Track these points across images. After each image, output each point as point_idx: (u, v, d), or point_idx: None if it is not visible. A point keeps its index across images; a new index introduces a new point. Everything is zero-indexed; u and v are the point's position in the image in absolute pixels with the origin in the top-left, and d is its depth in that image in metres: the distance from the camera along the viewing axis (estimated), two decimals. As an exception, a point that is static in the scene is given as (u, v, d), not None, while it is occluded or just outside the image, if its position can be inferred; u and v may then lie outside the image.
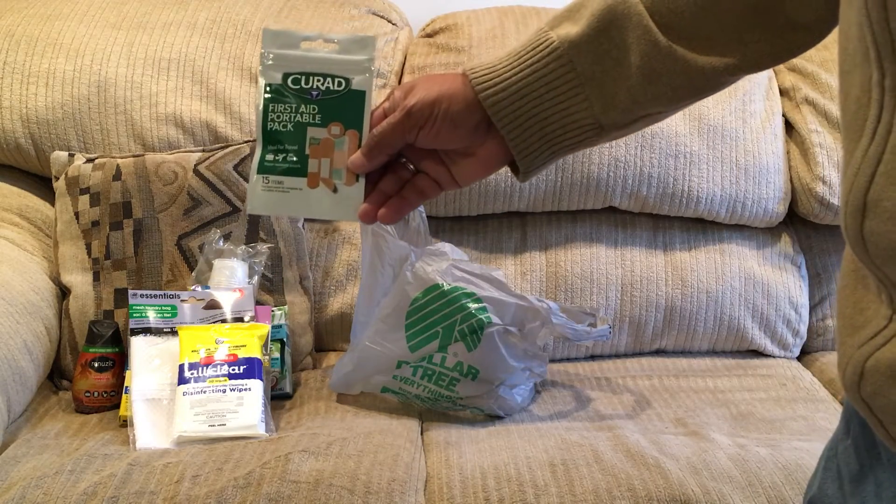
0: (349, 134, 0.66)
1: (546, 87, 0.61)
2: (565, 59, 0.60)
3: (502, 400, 1.18)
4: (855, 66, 0.43)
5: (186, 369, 1.12)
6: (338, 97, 0.66)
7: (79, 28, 1.48)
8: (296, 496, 0.91)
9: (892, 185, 0.39)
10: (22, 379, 1.13)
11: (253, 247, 1.32)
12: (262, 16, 1.51)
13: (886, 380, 0.42)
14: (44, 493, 0.92)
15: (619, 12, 0.59)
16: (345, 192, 0.66)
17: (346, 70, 0.67)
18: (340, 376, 1.20)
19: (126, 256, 1.32)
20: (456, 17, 1.56)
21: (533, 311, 1.18)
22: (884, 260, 0.40)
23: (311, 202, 0.67)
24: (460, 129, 0.63)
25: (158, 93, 1.44)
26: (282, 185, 0.67)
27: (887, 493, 0.49)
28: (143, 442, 1.05)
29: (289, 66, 0.67)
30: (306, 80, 0.67)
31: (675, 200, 1.46)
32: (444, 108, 0.62)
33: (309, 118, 0.67)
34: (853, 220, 0.41)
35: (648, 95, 0.61)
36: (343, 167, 0.66)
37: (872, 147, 0.40)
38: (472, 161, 0.65)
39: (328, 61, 0.67)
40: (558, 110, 0.62)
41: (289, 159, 0.67)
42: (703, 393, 1.31)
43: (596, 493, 0.95)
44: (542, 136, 0.63)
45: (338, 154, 0.66)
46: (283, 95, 0.67)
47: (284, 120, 0.67)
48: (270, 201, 0.67)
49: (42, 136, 1.44)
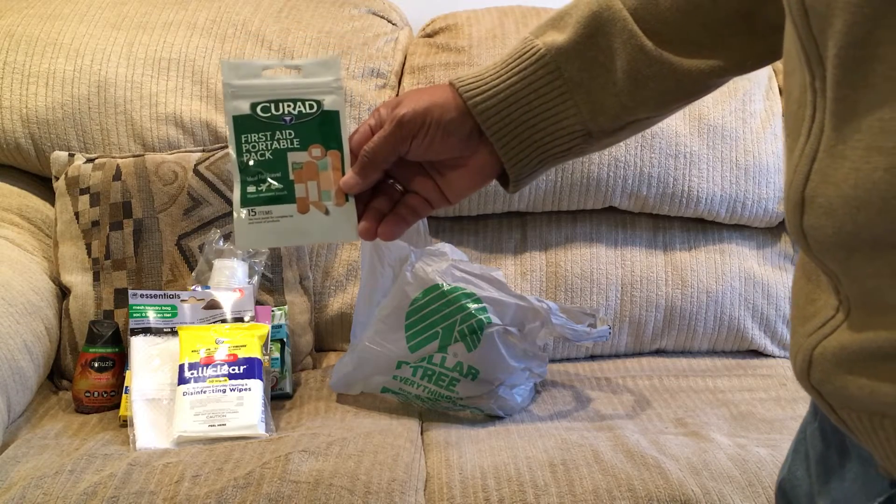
0: (331, 155, 0.64)
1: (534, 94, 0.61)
2: (552, 65, 0.61)
3: (502, 400, 1.18)
4: (794, 69, 0.44)
5: (186, 369, 1.12)
6: (312, 120, 0.65)
7: (79, 28, 1.48)
8: (296, 496, 0.91)
9: (825, 183, 0.40)
10: (22, 379, 1.13)
11: (253, 247, 1.32)
12: (262, 16, 1.51)
13: (832, 367, 0.43)
14: (44, 493, 0.92)
15: (605, 19, 0.60)
16: (337, 214, 0.64)
17: (316, 92, 0.65)
18: (340, 376, 1.20)
19: (126, 256, 1.32)
20: (456, 17, 1.56)
21: (533, 311, 1.18)
22: (822, 252, 0.42)
23: (305, 228, 0.65)
24: (453, 136, 0.62)
25: (158, 93, 1.44)
26: (270, 214, 0.64)
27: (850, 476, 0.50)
28: (143, 442, 1.05)
29: (255, 95, 0.65)
30: (276, 106, 0.65)
31: (675, 200, 1.46)
32: (436, 117, 0.62)
33: (287, 143, 0.64)
34: (793, 215, 0.43)
35: (636, 100, 0.61)
36: (331, 188, 0.64)
37: (808, 146, 0.42)
38: (462, 173, 0.65)
39: (295, 86, 0.65)
40: (547, 117, 0.62)
41: (273, 187, 0.64)
42: (703, 393, 1.31)
43: (596, 494, 0.95)
44: (532, 143, 0.62)
45: (323, 176, 0.64)
46: (255, 125, 0.64)
47: (261, 149, 0.64)
48: (261, 233, 0.64)
49: (42, 136, 1.44)
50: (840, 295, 0.43)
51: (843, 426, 0.46)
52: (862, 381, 0.42)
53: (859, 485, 0.50)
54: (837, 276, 0.42)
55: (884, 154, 0.37)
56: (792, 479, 0.58)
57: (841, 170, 0.40)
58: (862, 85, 0.38)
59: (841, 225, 0.40)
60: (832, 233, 0.40)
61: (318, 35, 1.50)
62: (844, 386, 0.43)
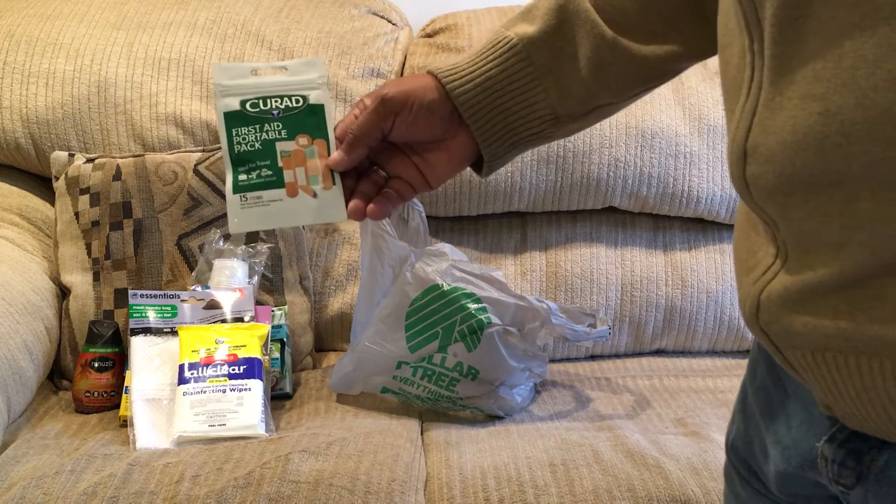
0: (317, 143, 0.68)
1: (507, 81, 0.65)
2: (524, 54, 0.65)
3: (502, 400, 1.18)
4: (733, 38, 0.48)
5: (186, 369, 1.12)
6: (299, 112, 0.68)
7: (79, 28, 1.48)
8: (296, 496, 0.91)
9: (764, 133, 0.44)
10: (22, 379, 1.13)
11: (253, 247, 1.32)
12: (262, 16, 1.51)
13: (778, 308, 0.47)
14: (44, 493, 0.92)
15: (570, 11, 0.64)
16: (325, 196, 0.68)
17: (301, 89, 0.69)
18: (340, 376, 1.20)
19: (126, 256, 1.32)
20: (456, 17, 1.56)
21: (533, 311, 1.18)
22: (763, 200, 0.46)
23: (294, 210, 0.68)
24: (435, 116, 0.66)
25: (158, 93, 1.44)
26: (261, 199, 0.67)
27: (796, 422, 0.54)
28: (143, 442, 1.05)
29: (244, 93, 0.68)
30: (264, 102, 0.68)
31: (675, 200, 1.46)
32: (419, 96, 0.65)
33: (275, 134, 0.68)
34: (737, 167, 0.47)
35: (600, 85, 0.65)
36: (318, 174, 0.68)
37: (748, 103, 0.46)
38: (442, 157, 0.68)
39: (282, 83, 0.69)
40: (518, 101, 0.66)
41: (263, 174, 0.67)
42: (703, 393, 1.31)
43: (596, 494, 0.95)
44: (504, 125, 0.66)
45: (310, 162, 0.68)
46: (245, 119, 0.68)
47: (251, 140, 0.68)
48: (253, 216, 0.68)
49: (42, 136, 1.44)
50: (777, 241, 0.47)
51: (788, 367, 0.50)
52: (805, 318, 0.45)
53: (805, 429, 0.53)
54: (776, 222, 0.46)
55: (817, 100, 0.40)
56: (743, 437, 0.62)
57: (779, 119, 0.43)
58: (797, 41, 0.42)
59: (781, 170, 0.43)
60: (772, 177, 0.44)
61: (318, 35, 1.50)
62: (790, 324, 0.46)
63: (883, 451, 0.47)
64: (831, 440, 0.50)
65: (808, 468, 0.54)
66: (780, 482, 0.57)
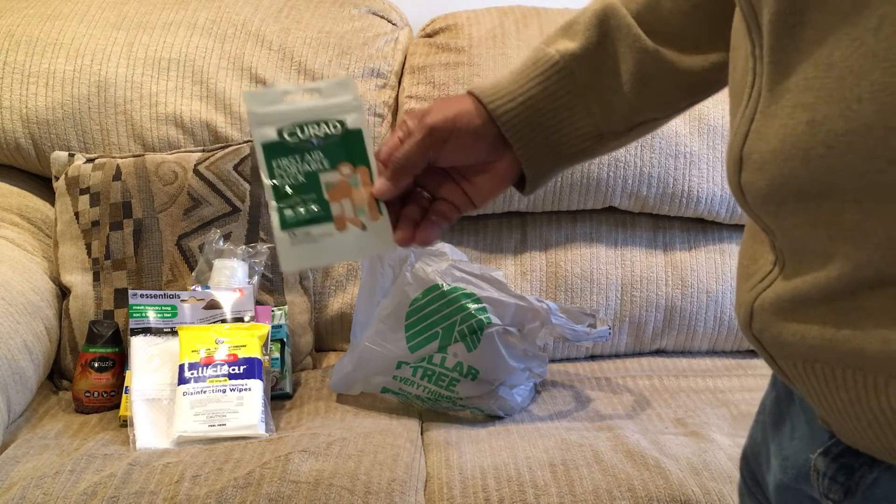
0: (359, 171, 0.66)
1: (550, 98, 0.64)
2: (566, 71, 0.64)
3: (502, 400, 1.18)
4: (740, 42, 0.48)
5: (186, 369, 1.12)
6: (338, 139, 0.67)
7: (79, 28, 1.48)
8: (296, 496, 0.91)
9: (759, 141, 0.44)
10: (22, 379, 1.13)
11: (253, 247, 1.32)
12: (262, 16, 1.51)
13: (769, 316, 0.47)
14: (44, 493, 0.92)
15: (611, 25, 0.63)
16: (373, 227, 0.66)
17: (338, 112, 0.67)
18: (340, 377, 1.20)
19: (126, 256, 1.32)
20: (456, 17, 1.56)
21: (532, 311, 1.18)
22: (757, 207, 0.46)
23: (345, 244, 0.66)
24: (482, 140, 0.65)
25: (158, 93, 1.44)
26: (310, 235, 0.66)
27: (799, 433, 0.54)
28: (143, 442, 1.05)
29: (280, 121, 0.67)
30: (302, 130, 0.66)
31: (675, 200, 1.46)
32: (465, 123, 0.64)
33: (318, 165, 0.66)
34: (733, 173, 0.46)
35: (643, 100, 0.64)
36: (364, 204, 0.66)
37: (748, 109, 0.45)
38: (487, 178, 0.67)
39: (317, 108, 0.67)
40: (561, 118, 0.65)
41: (311, 209, 0.66)
42: (703, 393, 1.31)
43: (596, 494, 0.95)
44: (547, 144, 0.65)
45: (356, 192, 0.66)
46: (284, 149, 0.66)
47: (293, 172, 0.66)
48: (305, 254, 0.66)
49: (42, 136, 1.44)
50: (776, 250, 0.47)
51: (783, 376, 0.50)
52: (794, 327, 0.45)
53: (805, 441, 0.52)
54: (772, 230, 0.46)
55: (806, 109, 0.40)
56: (753, 445, 0.61)
57: (773, 127, 0.43)
58: (793, 49, 0.42)
59: (772, 178, 0.43)
60: (764, 185, 0.44)
61: (318, 35, 1.50)
62: (780, 333, 0.46)
63: (873, 468, 0.46)
64: (825, 453, 0.50)
65: (803, 481, 0.53)
66: (779, 495, 0.56)
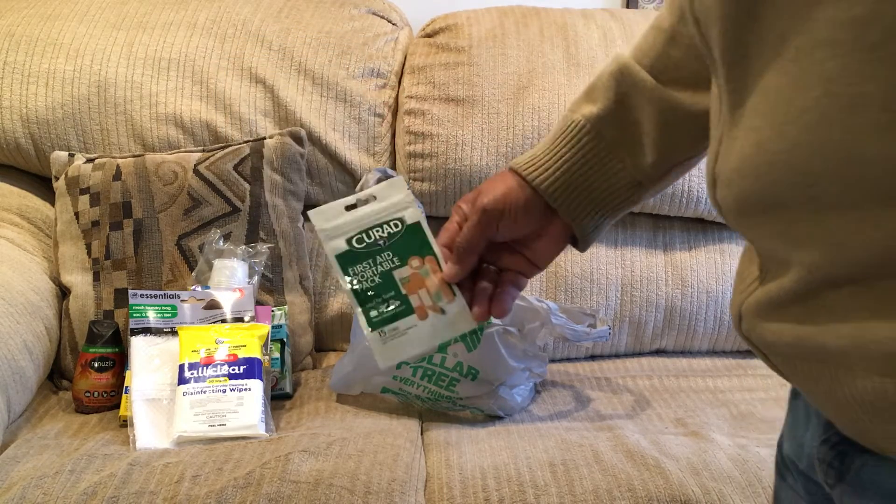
0: (428, 261, 0.72)
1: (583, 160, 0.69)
2: (593, 132, 0.69)
3: (502, 400, 1.18)
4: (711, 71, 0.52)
5: (186, 369, 1.12)
6: (402, 236, 0.72)
7: (79, 28, 1.48)
8: (296, 496, 0.91)
9: (724, 161, 0.48)
10: (22, 379, 1.13)
11: (253, 247, 1.32)
12: (262, 16, 1.51)
13: (754, 317, 0.51)
14: (44, 493, 0.92)
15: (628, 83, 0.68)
16: (452, 309, 0.71)
17: (395, 212, 0.73)
18: (340, 376, 1.20)
19: (126, 256, 1.32)
20: (456, 17, 1.56)
21: (532, 311, 1.18)
22: (731, 220, 0.50)
23: (430, 331, 0.71)
24: (532, 212, 0.70)
25: (158, 93, 1.44)
26: (398, 330, 0.71)
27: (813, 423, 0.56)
28: (143, 442, 1.05)
29: (346, 231, 0.72)
30: (367, 235, 0.72)
31: (675, 200, 1.46)
32: (513, 199, 0.70)
33: (389, 264, 0.72)
34: (710, 190, 0.51)
35: (670, 146, 0.68)
36: (438, 290, 0.71)
37: (717, 131, 0.50)
38: (544, 242, 0.72)
39: (376, 212, 0.73)
40: (599, 177, 0.69)
41: (392, 305, 0.71)
42: (703, 393, 1.31)
43: (596, 494, 0.95)
44: (590, 202, 0.70)
45: (428, 281, 0.72)
46: (356, 256, 0.72)
47: (369, 275, 0.72)
48: (396, 349, 0.71)
49: (42, 136, 1.44)
50: (760, 258, 0.51)
51: (777, 371, 0.53)
52: (773, 327, 0.49)
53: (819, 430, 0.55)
54: (750, 239, 0.50)
55: (754, 131, 0.45)
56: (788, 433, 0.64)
57: (734, 148, 0.47)
58: (742, 79, 0.46)
59: (737, 194, 0.47)
60: (732, 201, 0.48)
61: (318, 35, 1.50)
62: (763, 332, 0.50)
63: (862, 455, 0.49)
64: (826, 441, 0.53)
65: (811, 469, 0.56)
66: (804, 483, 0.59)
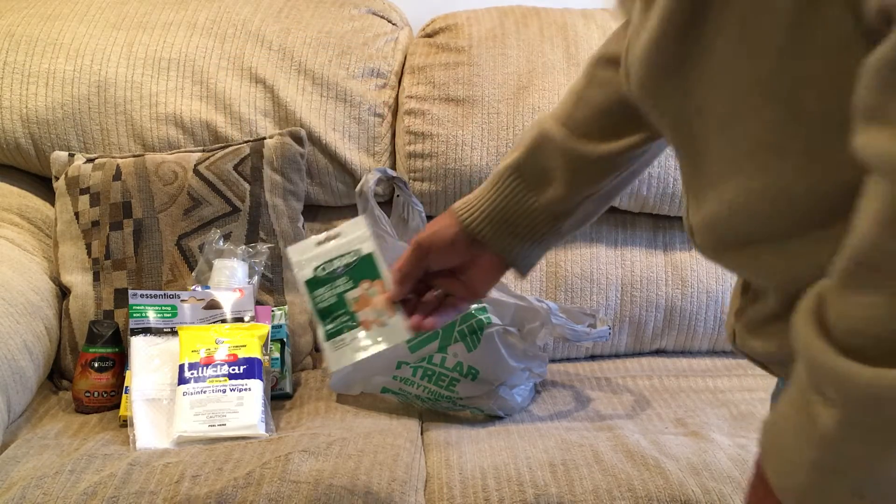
0: (376, 283, 0.85)
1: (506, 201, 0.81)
2: (515, 175, 0.81)
3: (502, 400, 1.18)
4: None
5: (186, 369, 1.12)
6: (357, 264, 0.87)
7: (79, 28, 1.48)
8: (296, 496, 0.91)
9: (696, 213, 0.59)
10: (22, 379, 1.13)
11: (253, 247, 1.32)
12: (262, 16, 1.51)
13: (745, 333, 0.60)
14: (44, 493, 0.92)
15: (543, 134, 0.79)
16: (391, 323, 0.84)
17: (355, 245, 0.88)
18: (340, 376, 1.20)
19: (126, 256, 1.32)
20: (456, 17, 1.56)
21: (532, 311, 1.18)
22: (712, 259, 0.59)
23: (372, 340, 0.85)
24: (458, 247, 0.82)
25: (158, 93, 1.44)
26: (345, 340, 0.85)
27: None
28: (143, 442, 1.05)
29: (313, 262, 0.88)
30: (329, 264, 0.87)
31: (675, 200, 1.45)
32: (442, 235, 0.82)
33: (343, 287, 0.86)
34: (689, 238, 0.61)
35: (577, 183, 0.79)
36: (382, 307, 0.85)
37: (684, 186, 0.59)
38: (478, 272, 0.83)
39: (339, 246, 0.88)
40: (519, 214, 0.81)
41: (343, 321, 0.85)
42: (703, 393, 1.31)
43: (596, 494, 0.95)
44: (515, 235, 0.82)
45: (375, 300, 0.85)
46: (319, 282, 0.87)
47: (328, 296, 0.86)
48: (344, 356, 0.85)
49: (42, 136, 1.44)
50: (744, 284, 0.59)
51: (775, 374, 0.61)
52: (759, 343, 0.58)
53: None
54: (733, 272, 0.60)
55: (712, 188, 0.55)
56: None
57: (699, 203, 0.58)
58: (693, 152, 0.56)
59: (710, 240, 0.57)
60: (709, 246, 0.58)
61: (318, 35, 1.50)
62: (753, 346, 0.60)
63: None
64: None
65: None
66: None
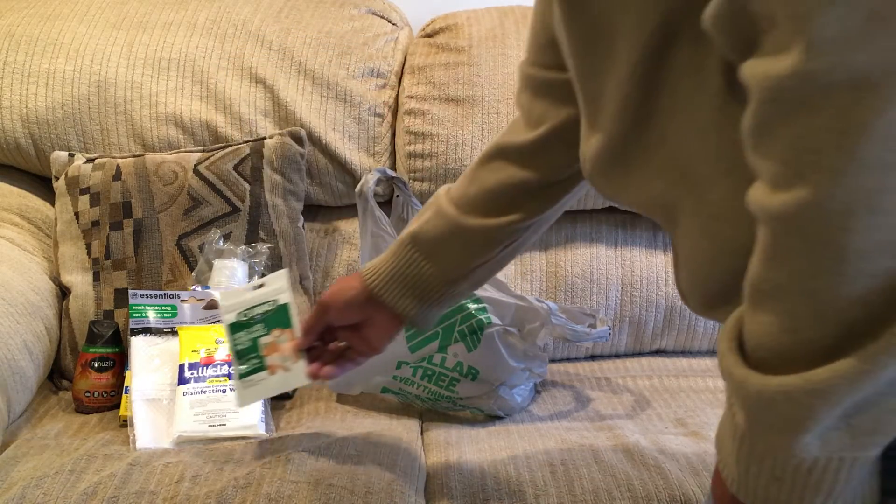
0: (286, 332, 0.96)
1: (405, 266, 0.89)
2: (412, 244, 0.89)
3: (502, 400, 1.18)
4: None
5: (186, 369, 1.12)
6: (273, 313, 0.97)
7: (79, 28, 1.48)
8: (296, 496, 0.91)
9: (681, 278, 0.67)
10: (22, 379, 1.13)
11: (253, 247, 1.32)
12: (262, 16, 1.51)
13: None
14: (44, 493, 0.92)
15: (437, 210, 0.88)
16: (294, 368, 0.94)
17: (274, 295, 0.98)
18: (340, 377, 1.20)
19: (126, 256, 1.32)
20: (456, 17, 1.56)
21: (533, 311, 1.18)
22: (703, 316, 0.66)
23: (276, 382, 0.95)
24: (354, 304, 0.91)
25: (158, 93, 1.44)
26: (253, 380, 0.96)
27: None
28: (143, 442, 1.05)
29: (238, 308, 0.98)
30: (250, 310, 0.98)
31: (675, 200, 1.45)
32: (343, 294, 0.91)
33: (258, 333, 0.97)
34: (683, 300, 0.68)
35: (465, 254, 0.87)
36: (288, 354, 0.95)
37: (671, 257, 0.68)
38: (375, 329, 0.93)
39: (262, 295, 0.98)
40: (416, 276, 0.89)
41: (253, 363, 0.96)
42: (703, 393, 1.31)
43: (595, 494, 0.95)
44: (412, 297, 0.89)
45: (282, 347, 0.95)
46: (240, 326, 0.97)
47: (245, 340, 0.97)
48: (252, 394, 0.96)
49: (42, 136, 1.44)
50: None
51: None
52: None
53: None
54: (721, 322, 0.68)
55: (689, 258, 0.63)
56: None
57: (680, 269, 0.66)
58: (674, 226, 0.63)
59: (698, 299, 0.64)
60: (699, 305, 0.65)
61: (317, 35, 1.50)
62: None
63: None
64: None
65: None
66: None
